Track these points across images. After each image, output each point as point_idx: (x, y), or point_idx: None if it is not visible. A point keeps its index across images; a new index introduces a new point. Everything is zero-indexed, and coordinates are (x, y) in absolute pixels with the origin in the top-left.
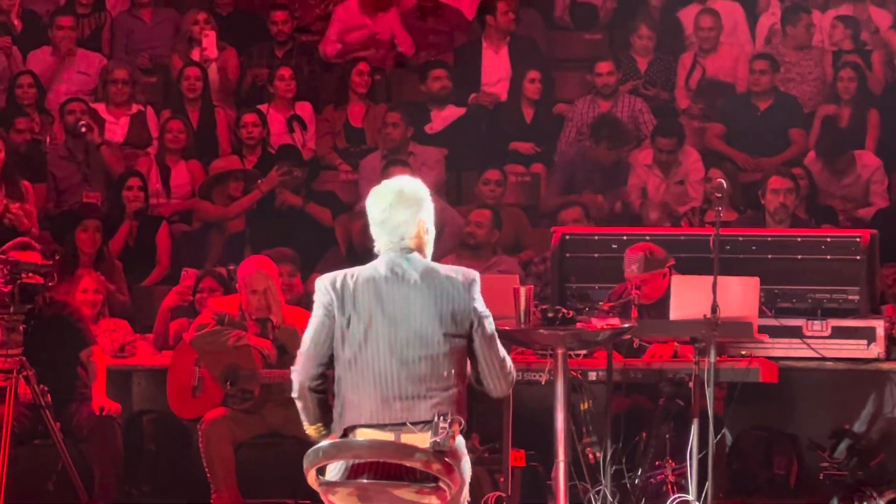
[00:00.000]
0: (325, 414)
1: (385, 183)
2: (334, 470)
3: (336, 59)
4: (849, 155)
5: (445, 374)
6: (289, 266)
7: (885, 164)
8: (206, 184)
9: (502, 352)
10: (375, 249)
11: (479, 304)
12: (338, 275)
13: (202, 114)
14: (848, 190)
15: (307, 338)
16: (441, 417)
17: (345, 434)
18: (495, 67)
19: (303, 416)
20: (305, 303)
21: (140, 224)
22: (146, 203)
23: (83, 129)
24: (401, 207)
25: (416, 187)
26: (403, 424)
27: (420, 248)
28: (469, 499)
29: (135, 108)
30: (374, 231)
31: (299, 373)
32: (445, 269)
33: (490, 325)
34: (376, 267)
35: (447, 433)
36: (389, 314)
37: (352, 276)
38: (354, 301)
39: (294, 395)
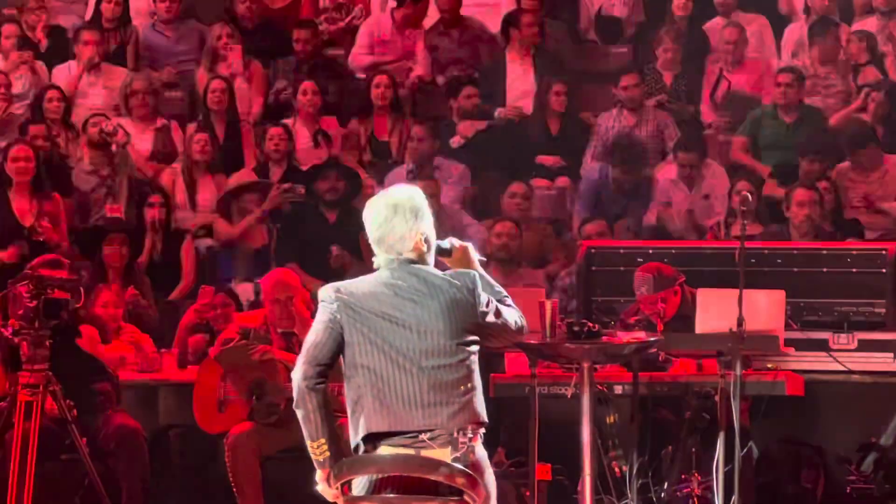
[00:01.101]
0: (328, 424)
1: (378, 196)
2: (358, 486)
3: (366, 72)
4: (875, 150)
5: (464, 380)
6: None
7: None
8: (223, 200)
9: (514, 323)
10: (374, 263)
11: (484, 304)
12: (341, 284)
13: (228, 128)
14: (874, 186)
15: (308, 341)
16: (460, 432)
17: (365, 442)
18: (520, 81)
19: (305, 431)
20: None
21: (164, 239)
22: (168, 218)
23: (110, 130)
24: (397, 221)
25: (412, 198)
26: (424, 433)
27: (421, 259)
28: None
29: (159, 122)
30: (373, 246)
31: (298, 370)
32: (446, 277)
33: (498, 315)
34: (380, 279)
35: (468, 447)
36: (402, 326)
37: (356, 286)
38: (362, 311)
39: (294, 403)
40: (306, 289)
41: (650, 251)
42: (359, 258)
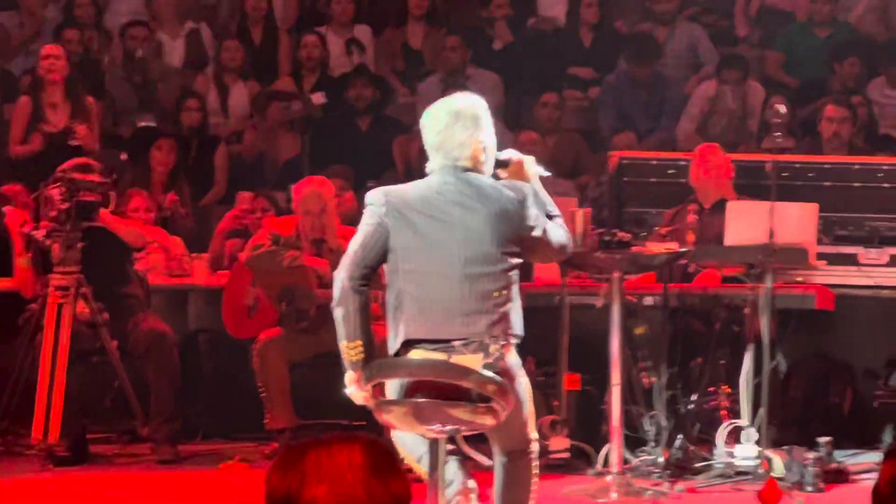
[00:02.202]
0: (365, 328)
1: (440, 103)
2: (390, 390)
3: None
4: None
5: (504, 290)
6: (339, 181)
7: None
8: (259, 99)
9: (558, 241)
10: (428, 168)
11: (532, 218)
12: (391, 189)
13: (263, 34)
14: None
15: (355, 241)
16: (492, 339)
17: (403, 349)
18: None
19: (341, 331)
20: (357, 219)
21: (198, 144)
22: (205, 122)
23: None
24: (457, 128)
25: (473, 106)
26: (461, 340)
27: (476, 168)
28: (534, 413)
29: (189, 25)
30: (430, 152)
31: (343, 270)
32: (499, 186)
33: (544, 232)
34: (430, 184)
35: (498, 354)
36: (449, 231)
37: (405, 191)
38: (411, 215)
39: (334, 302)
40: (344, 196)
41: (682, 162)
42: (392, 166)
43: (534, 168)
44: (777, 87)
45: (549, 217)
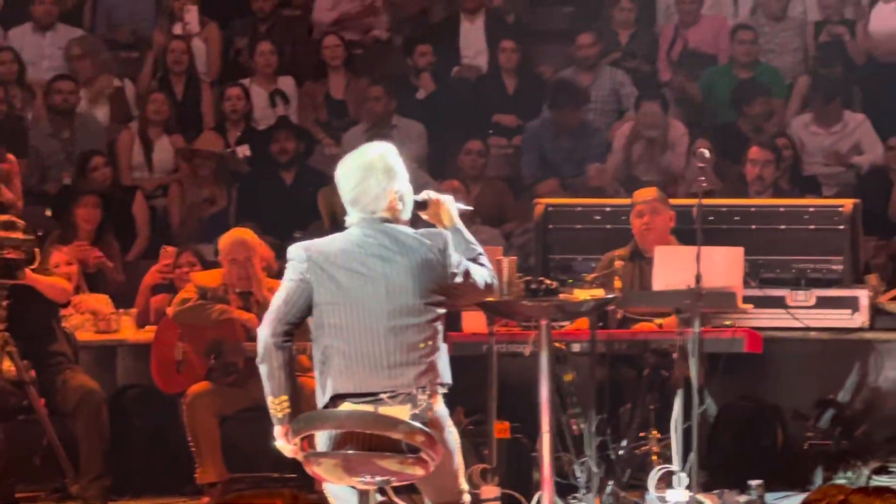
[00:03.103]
0: (290, 382)
1: (350, 158)
2: (320, 442)
3: (332, 29)
4: (837, 105)
5: (430, 340)
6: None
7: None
8: (183, 154)
9: (484, 283)
10: (347, 222)
11: (454, 266)
12: (311, 243)
13: (187, 87)
14: (835, 138)
15: (278, 297)
16: (419, 390)
17: (331, 403)
18: (472, 40)
19: (267, 387)
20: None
21: (114, 199)
22: (114, 179)
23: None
24: (371, 182)
25: (384, 156)
26: (388, 392)
27: (395, 217)
28: (463, 464)
29: (114, 83)
30: (347, 207)
31: (266, 327)
32: (419, 236)
33: (467, 276)
34: (351, 238)
35: (426, 405)
36: (372, 284)
37: (326, 245)
38: (332, 270)
39: (258, 358)
40: (264, 249)
41: (608, 209)
42: (317, 217)
43: (453, 206)
44: (700, 130)
45: (474, 258)
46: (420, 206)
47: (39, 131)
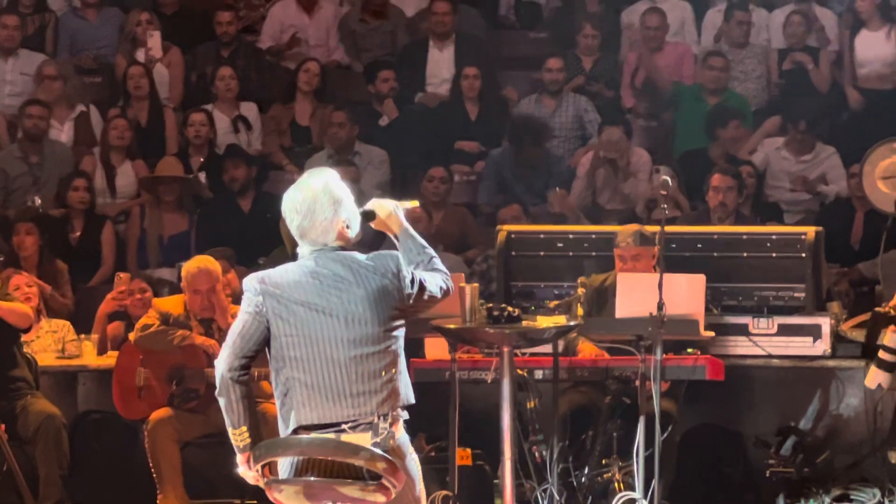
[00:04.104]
0: (250, 415)
1: (293, 190)
2: (282, 469)
3: (270, 57)
4: (811, 136)
5: (391, 367)
6: (223, 262)
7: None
8: (144, 183)
9: (440, 290)
10: (299, 252)
11: (409, 285)
12: (265, 274)
13: (150, 113)
14: (804, 166)
15: (233, 331)
16: (381, 418)
17: (294, 434)
18: (440, 67)
19: (227, 419)
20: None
21: (86, 224)
22: (92, 203)
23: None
24: (317, 216)
25: (326, 186)
26: (350, 422)
27: (346, 243)
28: (425, 491)
29: (79, 108)
30: (296, 239)
31: (223, 362)
32: (370, 263)
33: (423, 290)
34: (305, 269)
35: (387, 433)
36: (330, 316)
37: (281, 276)
38: (289, 304)
39: (217, 391)
40: (233, 278)
41: (570, 236)
42: (279, 243)
43: (399, 210)
44: (662, 157)
45: (428, 261)
46: (367, 216)
47: (7, 155)
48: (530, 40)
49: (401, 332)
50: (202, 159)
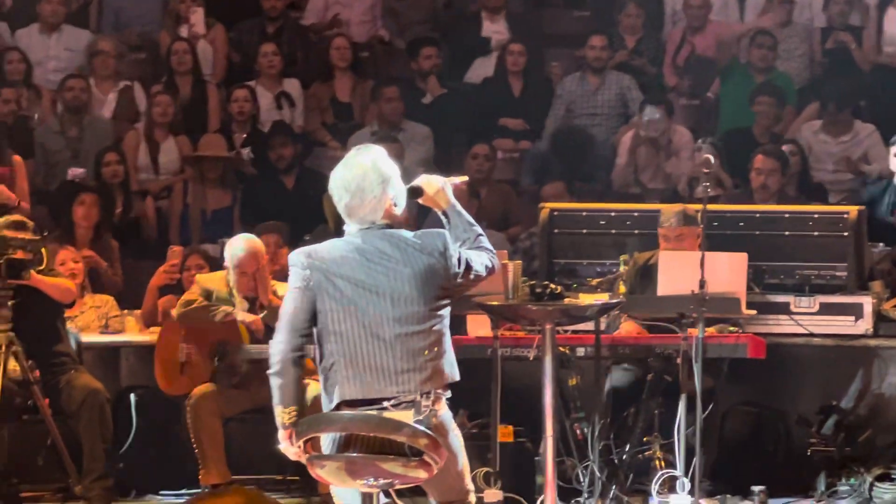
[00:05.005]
0: (300, 394)
1: (342, 168)
2: (325, 445)
3: (313, 35)
4: (847, 114)
5: (435, 346)
6: (275, 236)
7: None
8: (188, 160)
9: (485, 268)
10: (346, 229)
11: (456, 265)
12: (312, 249)
13: (193, 89)
14: (844, 147)
15: (287, 310)
16: (423, 396)
17: (337, 410)
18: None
19: (277, 397)
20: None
21: (126, 199)
22: (126, 177)
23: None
24: (365, 194)
25: (375, 164)
26: (392, 399)
27: (393, 221)
28: (468, 464)
29: (122, 83)
30: (343, 216)
31: (284, 342)
32: (417, 241)
33: (469, 270)
34: (352, 245)
35: (430, 411)
36: (376, 294)
37: (328, 252)
38: (335, 279)
39: (273, 370)
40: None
41: (612, 213)
42: (322, 220)
43: (448, 186)
44: (705, 136)
45: (475, 238)
46: (415, 193)
47: (47, 129)
48: (573, 18)
49: (446, 312)
50: (245, 135)
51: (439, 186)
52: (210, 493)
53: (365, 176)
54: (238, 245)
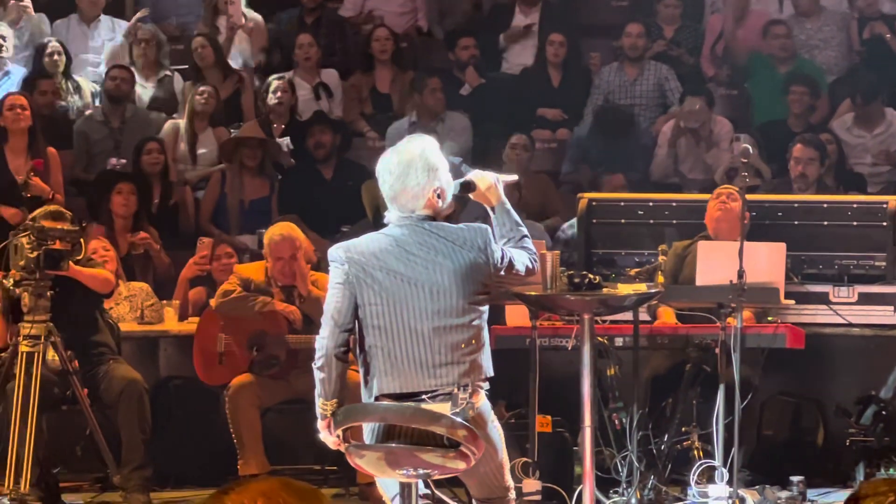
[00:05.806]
0: (343, 388)
1: (391, 153)
2: (365, 435)
3: (352, 25)
4: (878, 104)
5: (474, 340)
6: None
7: None
8: (226, 147)
9: (525, 268)
10: (386, 218)
11: (497, 260)
12: (350, 243)
13: (226, 81)
14: (879, 139)
15: (330, 306)
16: (461, 388)
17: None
18: (521, 33)
19: (320, 390)
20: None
21: (163, 189)
22: (165, 167)
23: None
24: (410, 180)
25: (424, 152)
26: (430, 392)
27: (435, 213)
28: (508, 460)
29: (162, 73)
30: (387, 202)
31: (327, 339)
32: (459, 234)
33: (510, 268)
34: (391, 237)
35: (467, 403)
36: (415, 286)
37: (366, 245)
38: (374, 272)
39: (318, 363)
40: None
41: (650, 204)
42: (359, 211)
43: (499, 182)
44: (743, 127)
45: (518, 239)
46: (466, 188)
47: (89, 119)
48: (611, 8)
49: (485, 308)
50: (283, 126)
51: (491, 182)
52: (237, 483)
53: (411, 162)
54: (273, 231)
